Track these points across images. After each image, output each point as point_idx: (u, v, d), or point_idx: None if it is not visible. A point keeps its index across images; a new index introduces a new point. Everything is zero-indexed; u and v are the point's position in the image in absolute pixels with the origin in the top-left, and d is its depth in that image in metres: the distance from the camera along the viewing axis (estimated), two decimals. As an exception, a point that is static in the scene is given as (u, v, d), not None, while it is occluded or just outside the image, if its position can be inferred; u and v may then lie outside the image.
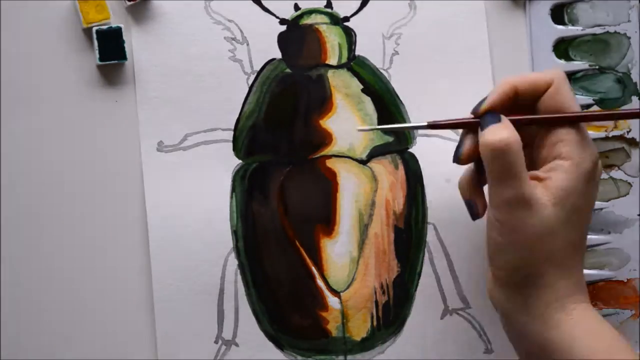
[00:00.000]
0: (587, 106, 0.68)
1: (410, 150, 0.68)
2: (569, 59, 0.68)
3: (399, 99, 0.68)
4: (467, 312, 0.68)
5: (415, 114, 0.67)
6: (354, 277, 0.67)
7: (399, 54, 0.68)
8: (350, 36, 0.68)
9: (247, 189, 0.67)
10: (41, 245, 0.66)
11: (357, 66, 0.68)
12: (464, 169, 0.63)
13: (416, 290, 0.68)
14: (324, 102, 0.67)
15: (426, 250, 0.68)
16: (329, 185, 0.67)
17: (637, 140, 0.68)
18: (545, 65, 0.68)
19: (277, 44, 0.67)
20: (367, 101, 0.67)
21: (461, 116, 0.61)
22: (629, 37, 0.68)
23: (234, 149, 0.67)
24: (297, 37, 0.67)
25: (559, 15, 0.69)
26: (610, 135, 0.68)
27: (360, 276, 0.67)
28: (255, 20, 0.67)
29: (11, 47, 0.66)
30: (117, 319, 0.66)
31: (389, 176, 0.68)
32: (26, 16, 0.66)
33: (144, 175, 0.66)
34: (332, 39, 0.68)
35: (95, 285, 0.66)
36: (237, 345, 0.67)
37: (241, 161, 0.67)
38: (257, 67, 0.67)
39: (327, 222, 0.67)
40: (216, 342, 0.66)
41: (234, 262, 0.67)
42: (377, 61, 0.68)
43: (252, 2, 0.67)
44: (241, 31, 0.67)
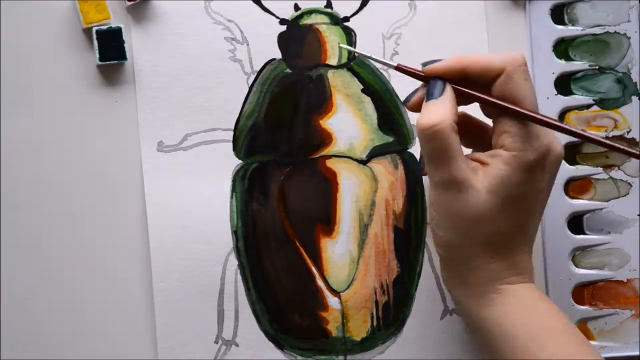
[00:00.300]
0: (587, 106, 0.68)
1: (410, 150, 0.68)
2: (569, 59, 0.68)
3: (398, 99, 0.68)
4: (467, 312, 0.68)
5: (414, 114, 0.67)
6: (354, 277, 0.67)
7: (399, 54, 0.68)
8: (350, 36, 0.68)
9: (247, 189, 0.67)
10: (41, 245, 0.66)
11: (357, 66, 0.68)
12: None
13: (416, 290, 0.68)
14: (324, 102, 0.67)
15: (426, 250, 0.68)
16: (329, 185, 0.67)
17: (637, 140, 0.68)
18: (545, 65, 0.68)
19: (277, 44, 0.67)
20: (367, 101, 0.67)
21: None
22: (629, 37, 0.68)
23: (234, 149, 0.67)
24: (297, 37, 0.67)
25: (559, 15, 0.68)
26: (610, 135, 0.68)
27: (360, 276, 0.67)
28: (255, 20, 0.67)
29: (11, 47, 0.66)
30: (117, 319, 0.66)
31: (388, 176, 0.68)
32: (26, 16, 0.66)
33: (144, 175, 0.66)
34: (332, 39, 0.68)
35: (95, 285, 0.66)
36: (237, 345, 0.67)
37: (241, 161, 0.67)
38: (257, 67, 0.67)
39: (327, 222, 0.67)
40: (216, 342, 0.66)
41: (234, 262, 0.67)
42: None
43: (252, 2, 0.67)
44: (241, 31, 0.67)
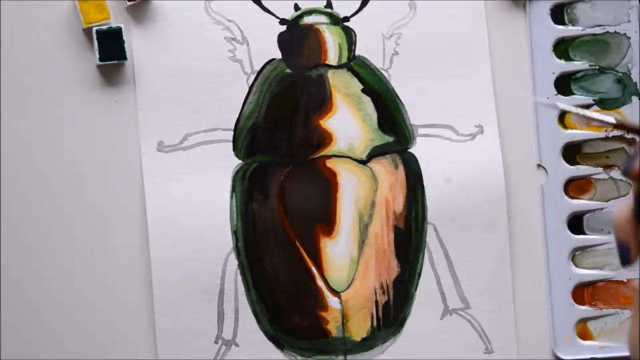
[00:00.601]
0: (587, 106, 0.68)
1: (410, 150, 0.68)
2: (569, 59, 0.68)
3: (399, 99, 0.68)
4: (467, 312, 0.68)
5: (415, 114, 0.67)
6: (354, 277, 0.67)
7: (399, 54, 0.68)
8: (350, 36, 0.68)
9: (247, 189, 0.67)
10: (41, 245, 0.66)
11: (357, 66, 0.68)
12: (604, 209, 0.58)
13: (416, 290, 0.68)
14: (324, 102, 0.67)
15: (426, 250, 0.68)
16: (329, 185, 0.67)
17: (637, 140, 0.68)
18: (545, 65, 0.68)
19: (277, 44, 0.67)
20: (367, 101, 0.67)
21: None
22: (629, 37, 0.68)
23: (234, 149, 0.67)
24: (297, 37, 0.67)
25: (559, 15, 0.68)
26: (610, 135, 0.68)
27: (360, 276, 0.67)
28: (255, 20, 0.67)
29: (11, 47, 0.66)
30: (117, 319, 0.66)
31: (389, 176, 0.67)
32: (26, 16, 0.66)
33: (144, 175, 0.66)
34: (332, 39, 0.67)
35: (95, 285, 0.66)
36: (237, 345, 0.67)
37: (241, 161, 0.67)
38: (257, 67, 0.67)
39: (327, 222, 0.67)
40: (216, 342, 0.66)
41: (234, 262, 0.67)
42: (377, 61, 0.68)
43: (252, 2, 0.67)
44: (241, 31, 0.67)
